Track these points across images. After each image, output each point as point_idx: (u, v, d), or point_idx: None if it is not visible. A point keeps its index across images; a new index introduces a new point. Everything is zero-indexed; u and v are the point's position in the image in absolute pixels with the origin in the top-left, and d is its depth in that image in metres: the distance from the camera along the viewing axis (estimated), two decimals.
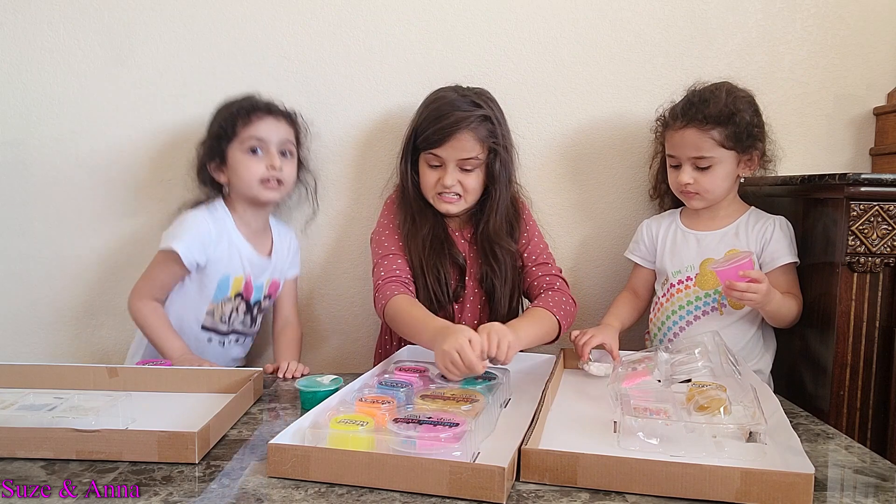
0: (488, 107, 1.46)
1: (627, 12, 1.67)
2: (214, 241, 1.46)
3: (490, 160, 1.46)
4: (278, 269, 1.58)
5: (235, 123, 1.45)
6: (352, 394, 1.07)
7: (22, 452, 0.94)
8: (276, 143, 1.47)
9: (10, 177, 1.68)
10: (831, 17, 1.67)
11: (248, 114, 1.45)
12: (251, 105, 1.47)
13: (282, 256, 1.58)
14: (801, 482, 0.81)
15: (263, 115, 1.47)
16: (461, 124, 1.40)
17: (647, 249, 1.54)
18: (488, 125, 1.44)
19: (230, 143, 1.46)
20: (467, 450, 0.89)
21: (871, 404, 1.33)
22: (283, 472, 0.88)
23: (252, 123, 1.45)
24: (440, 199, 1.46)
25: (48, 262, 1.70)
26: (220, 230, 1.48)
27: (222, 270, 1.48)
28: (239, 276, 1.50)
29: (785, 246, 1.40)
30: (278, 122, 1.49)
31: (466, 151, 1.42)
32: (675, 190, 1.47)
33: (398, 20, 1.66)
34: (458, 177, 1.44)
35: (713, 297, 1.42)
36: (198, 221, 1.46)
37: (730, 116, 1.35)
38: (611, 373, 1.28)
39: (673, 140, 1.43)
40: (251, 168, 1.45)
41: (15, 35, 1.64)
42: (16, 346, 1.72)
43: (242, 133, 1.45)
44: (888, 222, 1.30)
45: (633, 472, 0.85)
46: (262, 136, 1.46)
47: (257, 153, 1.46)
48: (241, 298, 1.52)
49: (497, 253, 1.48)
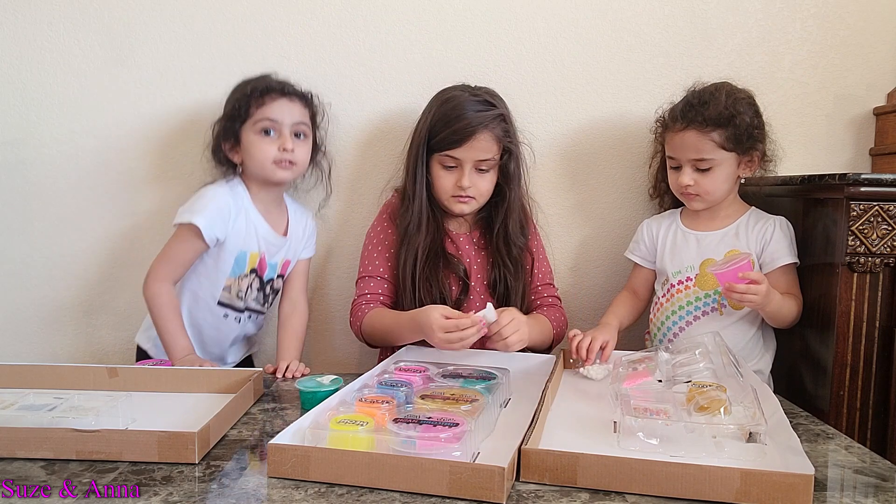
0: (501, 106, 1.46)
1: (627, 12, 1.67)
2: (234, 216, 1.46)
3: (504, 160, 1.46)
4: (292, 250, 1.58)
5: (249, 104, 1.45)
6: (352, 394, 1.07)
7: (22, 452, 0.94)
8: (289, 124, 1.46)
9: (10, 177, 1.68)
10: (831, 17, 1.67)
11: (261, 95, 1.45)
12: (265, 86, 1.46)
13: (297, 237, 1.58)
14: (801, 483, 0.81)
15: (277, 96, 1.46)
16: (480, 125, 1.40)
17: (648, 249, 1.55)
18: (503, 124, 1.44)
19: (244, 123, 1.46)
20: (467, 450, 0.89)
21: (871, 404, 1.33)
22: (283, 473, 0.88)
23: (265, 104, 1.45)
24: (455, 201, 1.46)
25: (48, 262, 1.70)
26: (238, 205, 1.47)
27: (240, 246, 1.48)
28: (255, 251, 1.50)
29: (785, 246, 1.40)
30: (292, 104, 1.48)
31: (485, 152, 1.42)
32: (675, 191, 1.47)
33: (398, 20, 1.66)
34: (475, 178, 1.44)
35: (713, 298, 1.42)
36: (217, 196, 1.45)
37: (730, 118, 1.35)
38: (609, 374, 1.28)
39: (673, 142, 1.43)
40: (263, 149, 1.45)
41: (15, 35, 1.64)
42: (16, 346, 1.72)
43: (256, 114, 1.45)
44: (888, 222, 1.30)
45: (632, 473, 0.85)
46: (274, 117, 1.45)
47: (270, 134, 1.46)
48: (256, 275, 1.52)
49: (514, 253, 1.49)
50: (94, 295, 1.72)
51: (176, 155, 1.66)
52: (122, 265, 1.71)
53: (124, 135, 1.67)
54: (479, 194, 1.46)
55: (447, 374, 1.20)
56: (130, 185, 1.68)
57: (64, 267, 1.71)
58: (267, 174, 1.47)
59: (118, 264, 1.70)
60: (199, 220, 1.41)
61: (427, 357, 1.33)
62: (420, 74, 1.65)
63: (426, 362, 1.26)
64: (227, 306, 1.52)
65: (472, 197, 1.45)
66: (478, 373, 1.20)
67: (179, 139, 1.66)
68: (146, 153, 1.67)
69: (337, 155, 1.68)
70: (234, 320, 1.54)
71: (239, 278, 1.50)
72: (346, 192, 1.71)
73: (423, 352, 1.38)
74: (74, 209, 1.69)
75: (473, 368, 1.23)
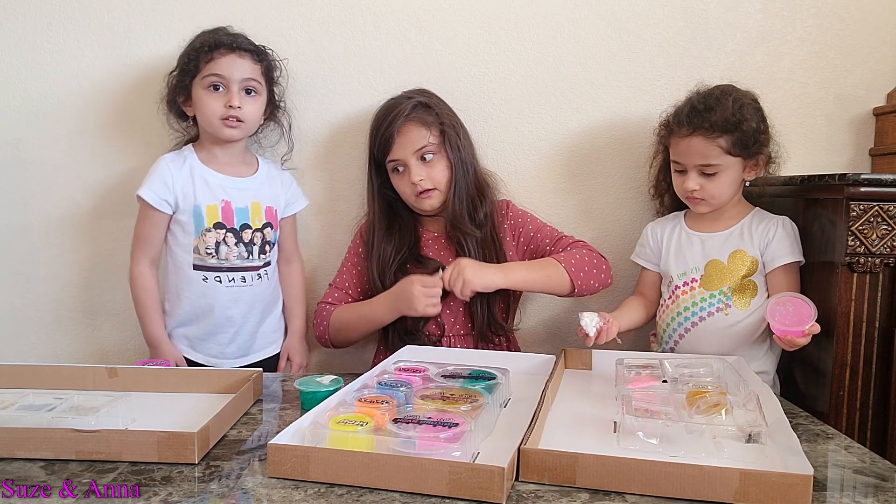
0: (423, 95, 1.49)
1: (627, 12, 1.67)
2: (175, 175, 1.49)
3: (444, 146, 1.47)
4: (266, 193, 1.56)
5: (199, 59, 1.45)
6: (351, 394, 1.07)
7: (21, 453, 0.94)
8: (237, 80, 1.46)
9: (10, 176, 1.68)
10: (831, 17, 1.67)
11: (210, 50, 1.45)
12: (214, 41, 1.46)
13: (265, 181, 1.57)
14: (800, 483, 0.81)
15: (226, 51, 1.46)
16: (400, 116, 1.45)
17: (653, 252, 1.54)
18: (427, 109, 1.47)
19: (193, 79, 1.47)
20: (467, 450, 0.89)
21: (871, 404, 1.33)
22: (283, 473, 0.88)
23: (213, 60, 1.45)
24: (420, 199, 1.48)
25: (48, 262, 1.71)
26: (181, 164, 1.51)
27: (192, 202, 1.49)
28: (212, 203, 1.50)
29: (787, 245, 1.39)
30: (242, 59, 1.47)
31: (418, 141, 1.44)
32: (680, 196, 1.46)
33: (397, 20, 1.66)
34: (423, 170, 1.46)
35: (718, 298, 1.42)
36: (158, 164, 1.51)
37: (737, 125, 1.34)
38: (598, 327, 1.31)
39: (679, 147, 1.42)
40: (210, 105, 1.46)
41: (15, 35, 1.64)
42: (16, 346, 1.72)
43: (204, 69, 1.45)
44: (888, 222, 1.30)
45: (632, 473, 0.85)
46: (222, 72, 1.45)
47: (219, 90, 1.46)
48: (225, 229, 1.51)
49: (464, 241, 1.48)
50: (94, 295, 1.72)
51: None
52: (121, 265, 1.70)
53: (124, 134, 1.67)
54: (436, 183, 1.47)
55: (447, 374, 1.20)
56: (130, 185, 1.68)
57: (64, 267, 1.71)
58: (214, 130, 1.49)
59: (118, 264, 1.70)
60: (143, 191, 1.47)
61: (426, 357, 1.33)
62: (419, 75, 1.64)
63: (426, 362, 1.26)
64: (202, 268, 1.51)
65: (431, 188, 1.47)
66: (477, 373, 1.20)
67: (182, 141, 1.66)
68: (146, 153, 1.68)
69: (334, 154, 1.69)
70: (216, 281, 1.51)
71: (203, 235, 1.49)
72: (344, 192, 1.71)
73: (423, 352, 1.38)
74: (74, 209, 1.69)
75: (473, 368, 1.23)
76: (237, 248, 1.51)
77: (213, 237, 1.49)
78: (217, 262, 1.51)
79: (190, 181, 1.50)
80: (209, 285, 1.51)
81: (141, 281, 1.51)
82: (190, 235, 1.50)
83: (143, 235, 1.51)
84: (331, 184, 1.72)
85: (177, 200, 1.49)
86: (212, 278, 1.51)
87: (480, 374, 1.19)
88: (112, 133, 1.67)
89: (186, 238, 1.50)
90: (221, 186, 1.52)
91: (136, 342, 1.73)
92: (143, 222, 1.51)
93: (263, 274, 1.56)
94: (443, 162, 1.48)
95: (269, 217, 1.56)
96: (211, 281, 1.51)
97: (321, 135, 1.70)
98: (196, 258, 1.50)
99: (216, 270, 1.51)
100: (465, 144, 1.52)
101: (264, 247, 1.55)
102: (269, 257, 1.57)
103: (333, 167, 1.71)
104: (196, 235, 1.50)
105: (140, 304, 1.51)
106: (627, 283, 1.68)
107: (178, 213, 1.50)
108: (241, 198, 1.53)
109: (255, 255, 1.54)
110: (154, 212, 1.48)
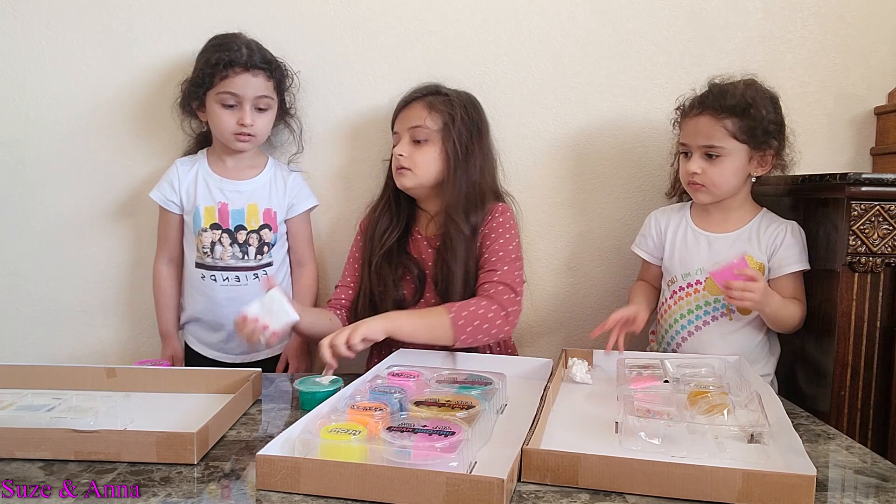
0: (449, 94, 1.49)
1: (628, 12, 1.66)
2: (182, 176, 1.56)
3: (444, 139, 1.45)
4: (267, 196, 1.58)
5: (213, 75, 1.48)
6: (343, 401, 1.04)
7: (20, 453, 0.94)
8: (250, 98, 1.50)
9: (10, 176, 1.68)
10: (832, 16, 1.67)
11: (225, 68, 1.47)
12: (229, 59, 1.48)
13: (268, 183, 1.59)
14: (803, 484, 0.81)
15: (240, 70, 1.48)
16: (414, 96, 1.49)
17: (655, 245, 1.52)
18: (443, 98, 1.47)
19: (207, 91, 1.50)
20: (464, 459, 0.86)
21: (872, 405, 1.33)
22: (273, 485, 0.85)
23: (228, 78, 1.48)
24: (397, 174, 1.48)
25: (48, 262, 1.70)
26: (190, 167, 1.57)
27: (194, 202, 1.55)
28: (209, 205, 1.54)
29: (796, 253, 1.38)
30: (255, 78, 1.50)
31: (414, 119, 1.45)
32: (683, 181, 1.44)
33: (397, 20, 1.65)
34: (410, 149, 1.46)
35: (722, 303, 1.40)
36: (171, 167, 1.59)
37: (745, 108, 1.33)
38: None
39: (687, 128, 1.41)
40: (224, 120, 1.50)
41: (15, 35, 1.64)
42: (15, 346, 1.72)
43: (218, 85, 1.48)
44: (889, 222, 1.29)
45: (634, 473, 0.85)
46: (236, 91, 1.48)
47: (233, 107, 1.50)
48: (220, 230, 1.54)
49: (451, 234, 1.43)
50: (94, 295, 1.72)
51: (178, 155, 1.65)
52: (121, 265, 1.71)
53: (123, 134, 1.66)
54: (413, 165, 1.45)
55: (442, 379, 1.17)
56: (130, 185, 1.68)
57: (63, 267, 1.71)
58: (227, 142, 1.54)
59: (118, 264, 1.70)
60: (153, 192, 1.57)
61: (420, 361, 1.30)
62: (418, 74, 1.62)
63: (420, 367, 1.23)
64: (202, 266, 1.56)
65: (408, 168, 1.46)
66: (473, 378, 1.17)
67: (180, 139, 1.65)
68: (146, 154, 1.67)
69: (333, 154, 1.68)
70: (212, 280, 1.55)
71: (200, 234, 1.54)
72: (343, 192, 1.71)
73: (417, 356, 1.35)
74: (73, 209, 1.69)
75: (469, 373, 1.20)
76: (231, 249, 1.55)
77: (209, 237, 1.54)
78: (213, 262, 1.55)
79: (194, 184, 1.57)
80: (206, 283, 1.56)
81: (156, 278, 1.62)
82: (192, 234, 1.57)
83: (160, 234, 1.61)
84: (338, 184, 1.72)
85: (182, 201, 1.56)
86: (209, 276, 1.55)
87: (476, 379, 1.17)
88: (112, 133, 1.67)
89: (191, 237, 1.57)
90: (220, 189, 1.56)
91: (135, 342, 1.73)
92: (160, 221, 1.61)
93: (261, 274, 1.57)
94: (435, 151, 1.45)
95: (268, 219, 1.57)
96: (208, 279, 1.56)
97: (329, 135, 1.70)
98: (198, 256, 1.56)
99: (212, 269, 1.55)
100: (477, 151, 1.48)
101: (262, 248, 1.56)
102: (268, 258, 1.58)
103: (341, 167, 1.71)
104: (195, 234, 1.55)
105: (154, 299, 1.63)
106: (629, 272, 1.68)
107: (185, 214, 1.58)
108: (238, 200, 1.56)
109: (250, 256, 1.56)
110: (164, 212, 1.58)
